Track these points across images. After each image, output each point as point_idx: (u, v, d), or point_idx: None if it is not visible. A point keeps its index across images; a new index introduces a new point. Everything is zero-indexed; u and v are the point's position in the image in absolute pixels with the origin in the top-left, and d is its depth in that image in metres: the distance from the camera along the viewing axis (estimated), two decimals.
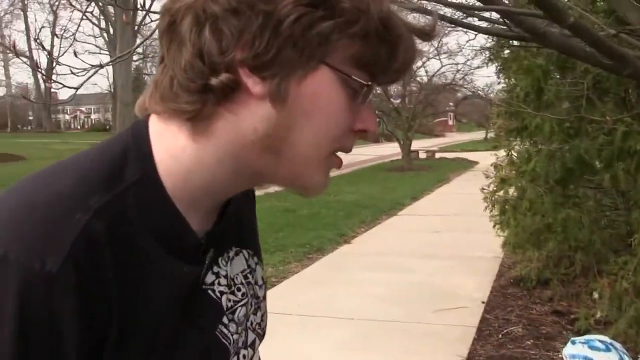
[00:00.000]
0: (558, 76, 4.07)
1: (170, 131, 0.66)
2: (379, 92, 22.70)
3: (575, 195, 3.92)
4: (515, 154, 4.24)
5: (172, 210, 0.66)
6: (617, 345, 3.56)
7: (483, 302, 5.01)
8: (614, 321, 3.69)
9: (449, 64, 22.73)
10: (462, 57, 29.36)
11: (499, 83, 5.82)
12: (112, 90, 44.34)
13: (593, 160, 3.54)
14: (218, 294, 0.72)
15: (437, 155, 24.27)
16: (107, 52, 35.45)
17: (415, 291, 5.38)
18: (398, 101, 22.26)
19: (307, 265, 6.54)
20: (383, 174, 17.32)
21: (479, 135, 35.53)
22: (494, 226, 5.44)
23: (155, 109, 0.68)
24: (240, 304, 0.76)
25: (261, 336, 0.83)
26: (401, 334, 4.35)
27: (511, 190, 4.79)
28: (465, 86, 24.43)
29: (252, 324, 0.80)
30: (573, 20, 1.22)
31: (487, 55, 5.82)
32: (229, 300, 0.74)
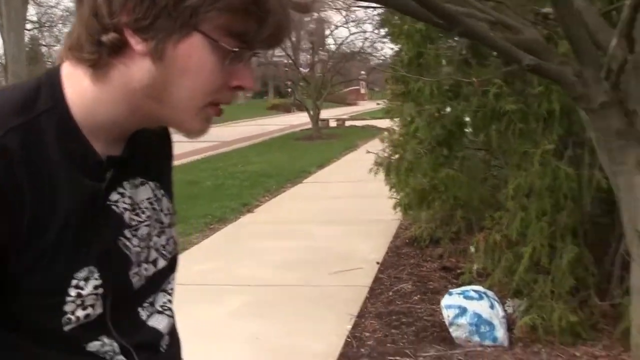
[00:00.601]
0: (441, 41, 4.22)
1: (77, 74, 0.80)
2: (287, 62, 22.69)
3: (456, 156, 4.10)
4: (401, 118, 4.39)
5: (78, 134, 0.80)
6: (490, 293, 3.84)
7: (378, 263, 5.20)
8: (491, 272, 3.94)
9: (358, 32, 22.88)
10: (370, 24, 29.73)
11: (392, 49, 5.94)
12: (3, 62, 41.69)
13: (470, 122, 3.72)
14: (121, 210, 0.86)
15: (347, 123, 24.52)
16: None
17: (312, 256, 5.51)
18: (307, 70, 22.31)
19: (208, 235, 6.55)
20: (292, 143, 17.39)
21: None
22: (390, 190, 5.63)
23: (67, 56, 0.81)
24: (143, 224, 0.89)
25: (167, 258, 0.95)
26: (297, 298, 4.46)
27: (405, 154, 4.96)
28: (374, 54, 24.56)
29: (155, 244, 0.93)
30: None
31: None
32: (132, 220, 0.87)
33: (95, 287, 0.80)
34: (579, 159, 3.48)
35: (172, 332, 0.98)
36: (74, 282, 0.78)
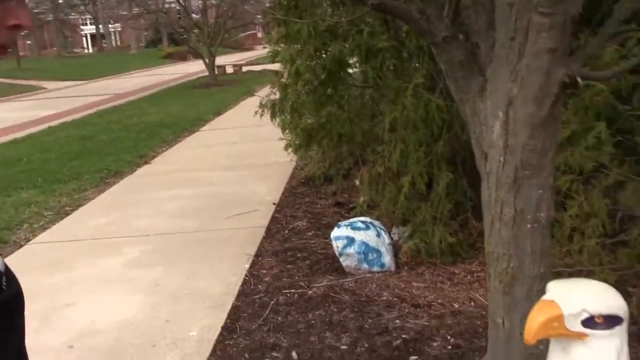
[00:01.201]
0: None
1: None
2: (178, 8, 21.94)
3: (342, 95, 4.25)
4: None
5: None
6: (376, 223, 4.06)
7: (274, 204, 5.34)
8: (378, 204, 4.16)
9: None
10: None
11: None
12: None
13: (350, 61, 3.85)
14: None
15: (245, 69, 24.26)
16: None
17: (210, 202, 5.57)
18: (199, 16, 21.71)
19: (104, 190, 6.45)
20: (188, 91, 17.07)
21: None
22: (282, 132, 5.73)
23: None
24: None
25: None
26: (195, 244, 4.53)
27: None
28: None
29: None
30: None
31: None
32: None
33: None
34: (449, 91, 3.69)
35: (7, 270, 0.99)
36: None
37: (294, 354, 2.88)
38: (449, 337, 2.98)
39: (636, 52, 2.86)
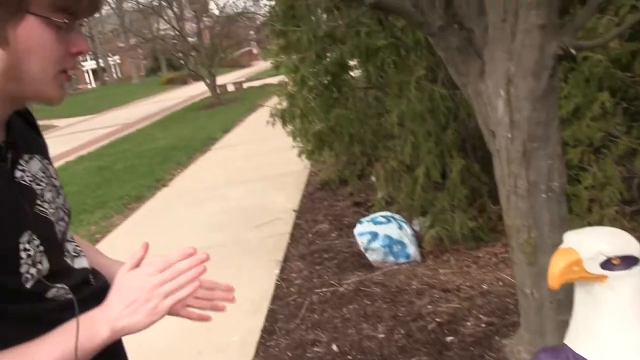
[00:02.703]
0: None
1: None
2: (173, 34, 22.16)
3: (347, 97, 4.35)
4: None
5: None
6: (397, 216, 4.16)
7: (294, 210, 5.45)
8: (396, 198, 4.25)
9: None
10: None
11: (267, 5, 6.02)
12: None
13: (349, 61, 3.95)
14: (28, 183, 1.01)
15: (245, 85, 24.42)
16: None
17: (232, 216, 5.70)
18: (194, 39, 21.91)
19: (128, 215, 6.60)
20: (194, 113, 17.26)
21: None
22: (293, 140, 5.85)
23: None
24: (45, 190, 1.04)
25: (68, 213, 1.13)
26: (224, 256, 4.65)
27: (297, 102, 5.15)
28: (258, 13, 24.23)
29: (58, 204, 1.09)
30: None
31: None
32: (37, 189, 1.02)
33: (37, 246, 0.97)
34: (451, 79, 3.79)
35: (92, 268, 1.15)
36: (21, 246, 0.94)
37: (334, 347, 2.98)
38: (481, 317, 3.06)
39: (630, 19, 2.94)
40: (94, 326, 0.99)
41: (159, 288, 1.02)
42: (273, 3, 4.60)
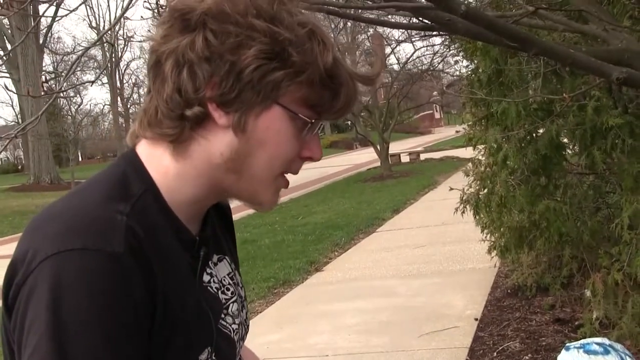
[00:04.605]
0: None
1: (156, 154, 0.99)
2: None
3: (556, 185, 4.22)
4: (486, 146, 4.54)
5: (171, 214, 0.98)
6: (618, 346, 3.85)
7: (476, 319, 5.30)
8: (617, 321, 3.98)
9: (424, 47, 22.75)
10: (439, 36, 29.50)
11: (466, 66, 6.11)
12: (19, 121, 42.96)
13: (568, 143, 3.84)
14: (215, 290, 1.06)
15: (422, 156, 24.64)
16: (7, 74, 33.83)
17: (397, 317, 5.65)
18: (368, 98, 22.49)
19: (272, 301, 6.78)
20: (359, 185, 17.63)
21: None
22: (482, 232, 5.75)
23: (145, 134, 1.00)
24: (231, 300, 1.09)
25: (247, 330, 1.18)
26: None
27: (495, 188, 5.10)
28: (447, 71, 24.18)
29: (242, 319, 1.14)
30: (464, 8, 1.49)
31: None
32: (224, 299, 1.07)
33: None
34: None
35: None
36: None
37: None
38: None
39: None
40: None
41: None
42: (474, 66, 4.65)
